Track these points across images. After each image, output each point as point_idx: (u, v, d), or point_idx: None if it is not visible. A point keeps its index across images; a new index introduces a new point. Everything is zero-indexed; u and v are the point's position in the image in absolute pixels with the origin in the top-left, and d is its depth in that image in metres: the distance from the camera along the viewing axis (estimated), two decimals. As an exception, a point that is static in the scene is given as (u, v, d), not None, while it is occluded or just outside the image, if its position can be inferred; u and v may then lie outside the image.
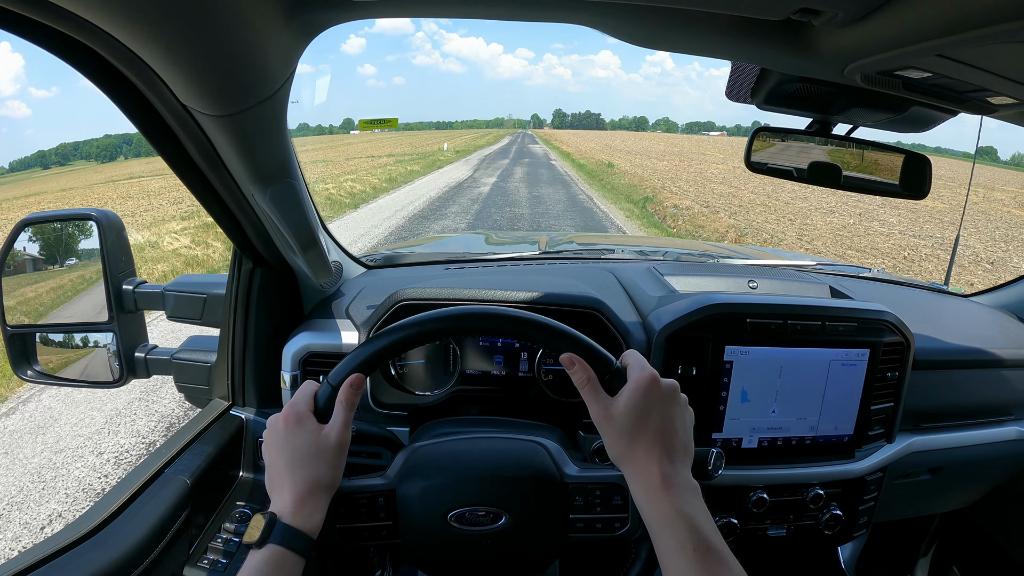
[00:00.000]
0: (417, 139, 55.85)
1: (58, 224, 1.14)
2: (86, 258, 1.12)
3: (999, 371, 1.16)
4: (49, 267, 1.16)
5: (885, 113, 0.98)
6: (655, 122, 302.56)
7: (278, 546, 0.53)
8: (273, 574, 0.52)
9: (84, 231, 1.13)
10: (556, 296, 0.93)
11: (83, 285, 1.12)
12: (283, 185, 0.77)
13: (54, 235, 1.15)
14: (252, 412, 0.98)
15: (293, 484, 0.56)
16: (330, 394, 0.58)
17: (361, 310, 0.97)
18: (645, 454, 0.53)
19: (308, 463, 0.56)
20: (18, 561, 0.68)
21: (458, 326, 0.60)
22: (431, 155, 29.75)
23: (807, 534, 1.00)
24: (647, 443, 0.54)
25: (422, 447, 0.64)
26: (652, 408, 0.54)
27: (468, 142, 49.67)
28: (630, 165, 24.73)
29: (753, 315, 0.91)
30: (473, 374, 0.97)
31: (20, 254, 1.12)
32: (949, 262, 1.46)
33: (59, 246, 1.14)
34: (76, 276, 1.15)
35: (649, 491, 0.53)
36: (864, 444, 1.00)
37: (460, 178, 18.16)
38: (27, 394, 3.54)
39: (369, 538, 0.61)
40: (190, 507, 0.87)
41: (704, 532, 0.50)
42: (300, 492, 0.55)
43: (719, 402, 0.92)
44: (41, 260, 1.15)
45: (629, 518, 0.60)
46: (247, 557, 0.53)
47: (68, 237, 1.15)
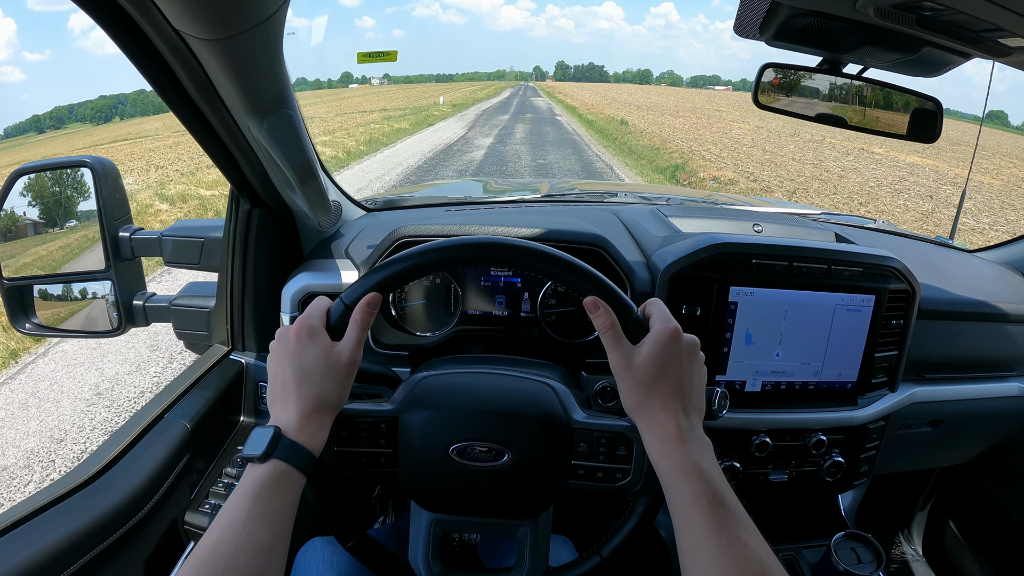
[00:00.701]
0: (415, 92, 52.52)
1: (52, 174, 1.12)
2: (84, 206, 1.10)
3: (1003, 326, 1.16)
4: (50, 230, 1.14)
5: (897, 53, 0.95)
6: (659, 75, 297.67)
7: (282, 461, 0.51)
8: (275, 489, 0.50)
9: (82, 192, 1.11)
10: (559, 233, 0.92)
11: (86, 244, 1.11)
12: (280, 115, 0.75)
13: (50, 187, 1.13)
14: (252, 357, 0.97)
15: (299, 399, 0.54)
16: (343, 311, 0.56)
17: (361, 250, 0.96)
18: (662, 406, 0.53)
19: (317, 379, 0.54)
20: (20, 508, 0.68)
21: (482, 255, 0.58)
22: (425, 110, 26.59)
23: (808, 480, 1.01)
24: (665, 395, 0.53)
25: (429, 377, 0.63)
26: (672, 361, 0.54)
27: (467, 95, 46.05)
28: (644, 122, 21.49)
29: (759, 256, 0.90)
30: (474, 314, 0.96)
31: (20, 218, 1.11)
32: (955, 216, 1.45)
33: (56, 202, 1.13)
34: (80, 236, 1.14)
35: (665, 443, 0.52)
36: (867, 392, 1.00)
37: (450, 139, 15.27)
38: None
39: (367, 464, 0.60)
40: (190, 452, 0.87)
41: (718, 486, 0.50)
42: (306, 408, 0.54)
43: (723, 344, 0.91)
44: (42, 224, 1.13)
45: (631, 470, 0.59)
46: (246, 471, 0.52)
47: (65, 191, 1.13)
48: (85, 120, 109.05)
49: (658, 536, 1.03)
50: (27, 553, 0.60)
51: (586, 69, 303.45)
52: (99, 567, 0.69)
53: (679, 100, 44.58)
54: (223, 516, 0.48)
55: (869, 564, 0.93)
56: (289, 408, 0.54)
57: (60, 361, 3.42)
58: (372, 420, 0.59)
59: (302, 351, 0.55)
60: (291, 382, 0.54)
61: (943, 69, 1.01)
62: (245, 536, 0.47)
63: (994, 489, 1.36)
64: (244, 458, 0.52)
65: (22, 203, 1.09)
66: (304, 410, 0.54)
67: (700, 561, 0.48)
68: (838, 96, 1.03)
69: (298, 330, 0.55)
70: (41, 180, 1.13)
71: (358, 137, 15.21)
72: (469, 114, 25.55)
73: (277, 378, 0.56)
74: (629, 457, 0.59)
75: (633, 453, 0.59)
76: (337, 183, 1.09)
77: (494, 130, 17.98)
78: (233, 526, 0.47)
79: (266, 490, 0.50)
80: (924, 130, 1.02)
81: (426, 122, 20.57)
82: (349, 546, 0.62)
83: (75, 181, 1.12)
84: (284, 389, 0.55)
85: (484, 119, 22.56)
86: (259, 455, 0.51)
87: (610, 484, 0.60)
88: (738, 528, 0.48)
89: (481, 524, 0.65)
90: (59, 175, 1.12)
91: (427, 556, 0.63)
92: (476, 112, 26.88)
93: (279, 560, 0.49)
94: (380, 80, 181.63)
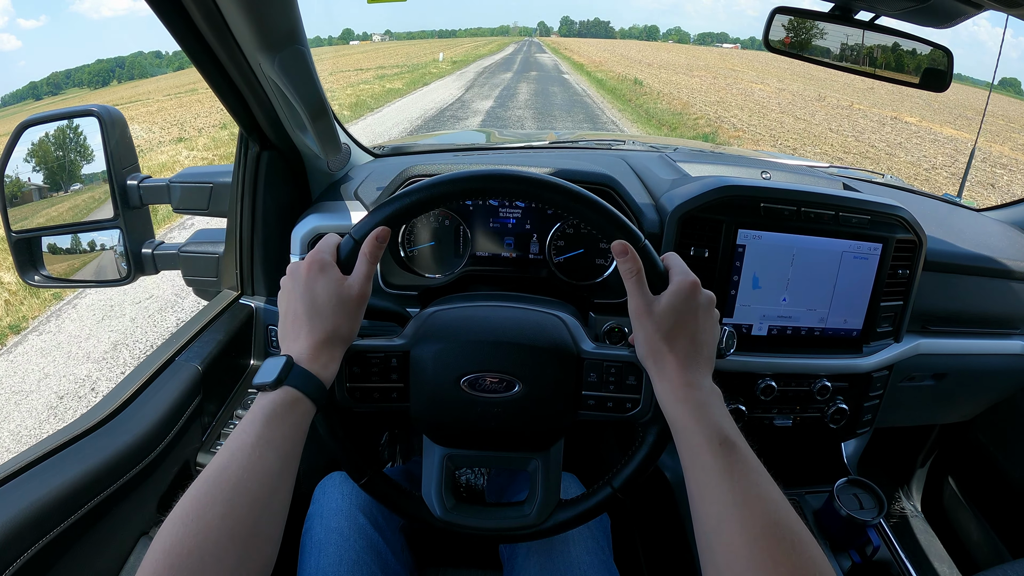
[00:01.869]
0: (415, 49, 50.26)
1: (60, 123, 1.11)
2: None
3: (1008, 283, 1.16)
4: (54, 194, 1.14)
5: (908, 1, 0.95)
6: (666, 31, 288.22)
7: (293, 388, 0.51)
8: (286, 415, 0.50)
9: (85, 155, 1.11)
10: (569, 172, 0.91)
11: (93, 204, 1.11)
12: (292, 51, 0.75)
13: (53, 151, 1.13)
14: (262, 301, 0.98)
15: (311, 331, 0.54)
16: (353, 246, 0.57)
17: (370, 191, 0.96)
18: (675, 355, 0.54)
19: (328, 311, 0.55)
20: (35, 449, 0.69)
21: (500, 187, 0.58)
22: (423, 67, 24.87)
23: (812, 426, 1.02)
24: (680, 346, 0.54)
25: (439, 311, 0.63)
26: (690, 314, 0.55)
27: (468, 51, 44.10)
28: (658, 82, 19.72)
29: (767, 199, 0.90)
30: (483, 256, 0.97)
31: (25, 183, 1.10)
32: (963, 175, 1.44)
33: (59, 165, 1.12)
34: (87, 197, 1.14)
35: (676, 390, 0.53)
36: (872, 340, 1.01)
37: (444, 102, 13.39)
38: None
39: (379, 400, 0.60)
40: (202, 393, 0.88)
41: (727, 430, 0.50)
42: (318, 339, 0.54)
43: (730, 286, 0.92)
44: (46, 188, 1.13)
45: (641, 399, 0.59)
46: (257, 399, 0.52)
47: (68, 155, 1.12)
48: (82, 85, 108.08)
49: (663, 478, 1.04)
50: (43, 492, 0.61)
51: (592, 25, 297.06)
52: (113, 506, 0.70)
53: (690, 58, 41.38)
54: (233, 440, 0.48)
55: (871, 510, 0.94)
56: (301, 340, 0.55)
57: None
58: (384, 355, 0.60)
59: (313, 285, 0.55)
60: (303, 315, 0.55)
61: (954, 20, 1.00)
62: (255, 460, 0.47)
63: (994, 448, 1.37)
64: (256, 386, 0.52)
65: (26, 167, 1.09)
66: (316, 341, 0.54)
67: (711, 502, 0.48)
68: (849, 57, 1.03)
69: (309, 265, 0.56)
70: (44, 144, 1.12)
71: (343, 100, 13.49)
72: (469, 72, 23.80)
73: (288, 312, 0.57)
74: (639, 387, 0.59)
75: (643, 383, 0.59)
76: (346, 128, 1.09)
77: (495, 91, 16.11)
78: (243, 449, 0.47)
79: (277, 416, 0.50)
80: (935, 79, 1.02)
81: (421, 81, 18.90)
82: (363, 482, 0.63)
83: (78, 144, 1.11)
84: (296, 322, 0.56)
85: (485, 78, 20.93)
86: (271, 382, 0.51)
87: (620, 414, 0.60)
88: (747, 469, 0.48)
89: (493, 458, 0.65)
90: (62, 138, 1.12)
91: (440, 490, 0.63)
92: (476, 69, 25.24)
93: (285, 487, 0.49)
94: (382, 36, 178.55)
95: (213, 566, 0.41)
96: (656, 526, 1.14)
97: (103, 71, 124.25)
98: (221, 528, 0.42)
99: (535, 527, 0.63)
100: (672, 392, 0.53)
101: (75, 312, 3.55)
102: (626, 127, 11.25)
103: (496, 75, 22.03)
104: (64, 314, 3.54)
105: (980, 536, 1.35)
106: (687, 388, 0.53)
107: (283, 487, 0.49)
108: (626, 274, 0.56)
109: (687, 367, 0.54)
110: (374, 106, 12.87)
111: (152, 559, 0.41)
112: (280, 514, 0.48)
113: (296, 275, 0.57)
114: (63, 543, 0.63)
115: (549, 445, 0.63)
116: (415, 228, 0.96)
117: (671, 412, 0.53)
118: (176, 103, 15.99)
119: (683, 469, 0.52)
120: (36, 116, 1.07)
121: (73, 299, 3.69)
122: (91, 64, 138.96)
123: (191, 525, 0.42)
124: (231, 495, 0.44)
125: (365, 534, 0.72)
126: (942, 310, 1.12)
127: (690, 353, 0.54)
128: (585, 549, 0.74)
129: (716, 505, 0.48)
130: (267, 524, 0.46)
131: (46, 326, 3.44)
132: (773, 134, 11.51)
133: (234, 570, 0.42)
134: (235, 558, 0.42)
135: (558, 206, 0.58)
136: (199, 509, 0.43)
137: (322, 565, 0.69)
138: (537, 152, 1.29)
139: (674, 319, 0.54)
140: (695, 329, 0.55)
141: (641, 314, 0.55)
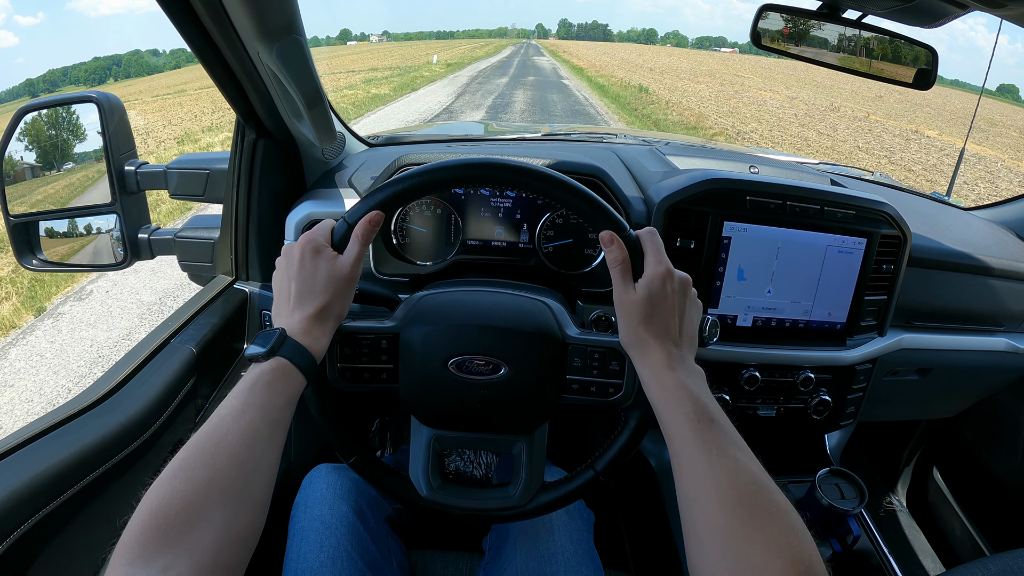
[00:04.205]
0: (412, 50, 49.28)
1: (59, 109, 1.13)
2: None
3: (993, 281, 1.18)
4: (47, 173, 1.15)
5: (895, 0, 0.96)
6: (664, 35, 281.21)
7: (284, 359, 0.52)
8: (276, 382, 0.51)
9: (78, 134, 1.12)
10: (560, 163, 0.93)
11: (87, 183, 1.12)
12: (290, 41, 0.76)
13: (46, 130, 1.14)
14: (256, 286, 0.99)
15: (303, 306, 0.56)
16: (346, 229, 0.58)
17: (364, 180, 0.97)
18: (656, 339, 0.55)
19: (320, 289, 0.57)
20: (30, 428, 0.70)
21: (493, 175, 0.59)
22: (415, 70, 23.66)
23: (796, 417, 1.04)
24: (658, 329, 0.56)
25: (429, 295, 0.65)
26: (666, 299, 0.56)
27: (465, 53, 43.27)
28: (664, 88, 18.98)
29: (753, 193, 0.91)
30: (474, 244, 0.98)
31: (18, 162, 1.11)
32: (952, 173, 1.46)
33: (52, 144, 1.13)
34: (80, 176, 1.15)
35: (657, 372, 0.55)
36: (856, 334, 1.02)
37: (430, 111, 12.61)
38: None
39: (369, 380, 0.62)
40: (196, 376, 0.89)
41: (707, 406, 0.52)
42: (309, 314, 0.56)
43: (716, 278, 0.93)
44: (39, 167, 1.14)
45: (624, 384, 0.61)
46: (249, 369, 0.53)
47: (61, 134, 1.14)
48: (79, 83, 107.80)
49: (647, 465, 1.06)
50: (36, 470, 0.62)
51: (590, 27, 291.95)
52: (106, 484, 0.71)
53: (691, 62, 40.80)
54: (222, 407, 0.49)
55: (852, 500, 0.96)
56: (294, 315, 0.56)
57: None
58: (374, 336, 0.61)
59: (307, 264, 0.57)
60: (295, 292, 0.57)
61: (941, 20, 1.01)
62: (243, 424, 0.48)
63: (979, 445, 1.39)
64: (249, 356, 0.53)
65: (19, 147, 1.10)
66: (307, 315, 0.56)
67: (690, 474, 0.49)
68: (846, 47, 1.04)
69: (303, 246, 0.58)
70: (37, 124, 1.13)
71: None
72: (462, 75, 22.62)
73: (282, 290, 0.59)
74: (621, 372, 0.61)
75: (625, 368, 0.60)
76: (340, 117, 1.10)
77: (487, 99, 14.94)
78: (231, 414, 0.48)
79: (267, 384, 0.51)
80: (921, 78, 1.03)
81: (410, 86, 17.70)
82: (352, 462, 0.64)
83: (71, 124, 1.13)
84: (289, 299, 0.57)
85: (479, 82, 19.85)
86: (263, 352, 0.52)
87: (603, 399, 0.62)
88: (727, 444, 0.50)
89: (479, 439, 0.66)
90: (55, 118, 1.13)
91: (427, 470, 0.65)
92: (470, 73, 24.03)
93: (272, 453, 0.50)
94: (379, 37, 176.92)
95: (199, 527, 0.42)
96: (639, 513, 1.16)
97: (100, 69, 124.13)
98: (209, 489, 0.43)
99: (518, 508, 0.65)
100: (654, 375, 0.55)
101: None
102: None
103: (491, 80, 20.96)
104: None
105: (963, 531, 1.37)
106: (668, 370, 0.54)
107: (270, 452, 0.49)
108: (611, 263, 0.58)
109: (668, 350, 0.55)
110: (356, 114, 12.01)
111: (139, 520, 0.41)
112: (267, 477, 0.49)
113: (290, 255, 0.59)
114: (55, 521, 0.64)
115: (533, 428, 0.65)
116: (407, 216, 0.97)
117: (654, 393, 0.55)
118: (158, 105, 15.82)
119: (667, 445, 0.53)
120: (36, 102, 1.08)
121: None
122: (88, 62, 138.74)
123: (178, 486, 0.43)
124: (216, 456, 0.45)
125: (347, 522, 0.74)
126: (927, 306, 1.13)
127: (667, 336, 0.56)
128: (569, 538, 0.75)
129: (695, 477, 0.49)
130: (254, 487, 0.47)
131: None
132: (802, 153, 10.54)
133: (221, 530, 0.43)
134: (221, 519, 0.43)
135: (549, 196, 0.59)
136: (186, 470, 0.44)
137: (304, 552, 0.71)
138: (530, 144, 1.30)
139: (651, 306, 0.56)
140: (672, 313, 0.57)
141: (622, 302, 0.57)
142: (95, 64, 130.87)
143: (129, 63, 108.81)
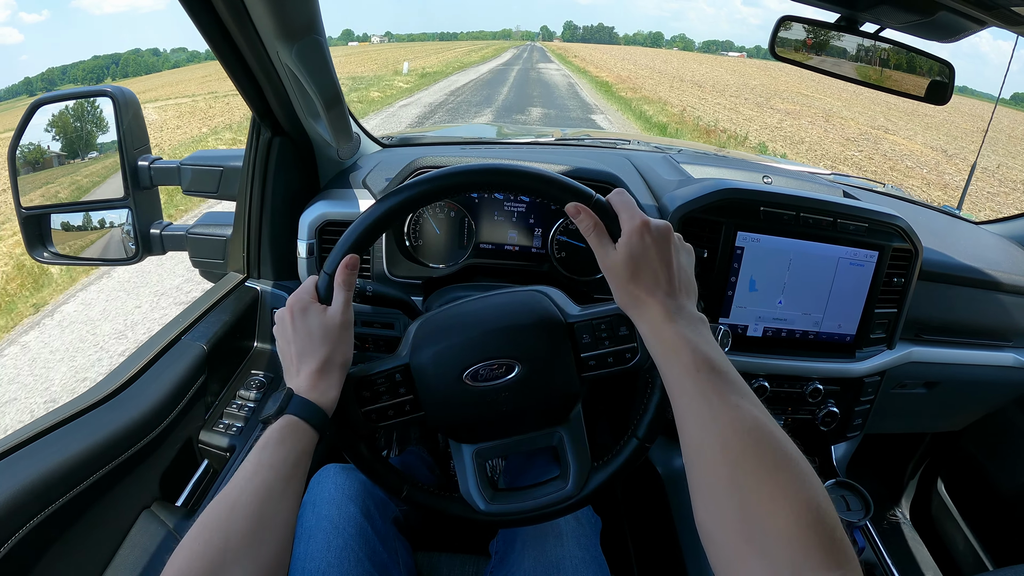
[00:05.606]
0: (410, 52, 44.29)
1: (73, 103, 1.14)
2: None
3: (1003, 296, 1.18)
4: (71, 161, 1.16)
5: (912, 14, 0.96)
6: (671, 38, 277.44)
7: (292, 416, 0.55)
8: (286, 439, 0.54)
9: (100, 126, 1.13)
10: (575, 169, 0.93)
11: (108, 173, 1.13)
12: (310, 40, 0.76)
13: (71, 121, 1.15)
14: (268, 284, 1.00)
15: (305, 364, 0.58)
16: (328, 282, 0.60)
17: (379, 181, 0.97)
18: (648, 294, 0.54)
19: (318, 343, 0.58)
20: (42, 421, 0.70)
21: (441, 186, 0.59)
22: (374, 83, 16.69)
23: (803, 428, 1.04)
24: (647, 284, 0.54)
25: (427, 317, 0.65)
26: (648, 252, 0.55)
27: (457, 56, 36.67)
28: (731, 123, 12.69)
29: (767, 204, 0.91)
30: (487, 248, 0.98)
31: (46, 151, 1.13)
32: (963, 187, 1.46)
33: (77, 136, 1.14)
34: (101, 166, 1.16)
35: (654, 326, 0.53)
36: (865, 346, 1.02)
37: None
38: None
39: (395, 416, 0.61)
40: (206, 373, 0.89)
41: (708, 354, 0.50)
42: (313, 369, 0.58)
43: (728, 287, 0.93)
44: (65, 156, 1.15)
45: (638, 347, 0.60)
46: (263, 431, 0.56)
47: (86, 126, 1.15)
48: (77, 81, 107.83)
49: (654, 472, 1.06)
50: (47, 464, 0.63)
51: (595, 30, 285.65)
52: (117, 479, 0.72)
53: (709, 68, 35.74)
54: (238, 471, 0.52)
55: (857, 512, 0.96)
56: (300, 374, 0.58)
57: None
58: (387, 373, 0.61)
59: (299, 324, 0.59)
60: (295, 353, 0.59)
61: (958, 35, 1.01)
62: (256, 484, 0.50)
63: (984, 459, 1.39)
64: (262, 421, 0.56)
65: (46, 136, 1.12)
66: (311, 371, 0.58)
67: (691, 425, 0.48)
68: (863, 58, 1.04)
69: (291, 308, 0.60)
70: (63, 116, 1.15)
71: (226, 138, 9.23)
72: (436, 91, 15.45)
73: (285, 355, 0.61)
74: (632, 335, 0.60)
75: (634, 331, 0.59)
76: (355, 117, 1.10)
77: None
78: (245, 476, 0.51)
79: (275, 441, 0.53)
80: (937, 92, 1.03)
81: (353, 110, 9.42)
82: (403, 496, 0.64)
83: (94, 116, 1.14)
84: (291, 360, 0.60)
85: (447, 111, 11.72)
86: (273, 412, 0.55)
87: (623, 366, 0.61)
88: (729, 391, 0.47)
89: (518, 442, 0.65)
90: (80, 110, 1.14)
91: (478, 486, 0.64)
92: (450, 87, 16.60)
93: (286, 509, 0.51)
94: (381, 38, 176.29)
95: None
96: (646, 520, 1.16)
97: (98, 68, 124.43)
98: (225, 549, 0.46)
99: (576, 496, 0.64)
100: (652, 330, 0.53)
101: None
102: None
103: (480, 93, 14.76)
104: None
105: (966, 545, 1.37)
106: (666, 322, 0.52)
107: (284, 507, 0.51)
108: (585, 232, 0.57)
109: (663, 302, 0.54)
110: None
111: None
112: (285, 532, 0.51)
113: (283, 320, 0.61)
114: (66, 515, 0.64)
115: (567, 414, 0.64)
116: (420, 219, 0.98)
117: (654, 348, 0.53)
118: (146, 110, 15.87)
119: (670, 400, 0.51)
120: (50, 95, 1.09)
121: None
122: (87, 61, 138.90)
123: (196, 548, 0.46)
124: (231, 518, 0.48)
125: (355, 522, 0.73)
126: (936, 320, 1.13)
127: (658, 288, 0.54)
128: (577, 544, 0.75)
129: (696, 428, 0.47)
130: (270, 535, 0.49)
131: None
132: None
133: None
134: (241, 570, 0.46)
135: (502, 188, 0.59)
136: (205, 533, 0.47)
137: (311, 551, 0.71)
138: (543, 148, 1.30)
139: (635, 262, 0.55)
140: (658, 264, 0.55)
141: (607, 267, 0.56)
142: (94, 63, 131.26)
143: (128, 62, 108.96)
